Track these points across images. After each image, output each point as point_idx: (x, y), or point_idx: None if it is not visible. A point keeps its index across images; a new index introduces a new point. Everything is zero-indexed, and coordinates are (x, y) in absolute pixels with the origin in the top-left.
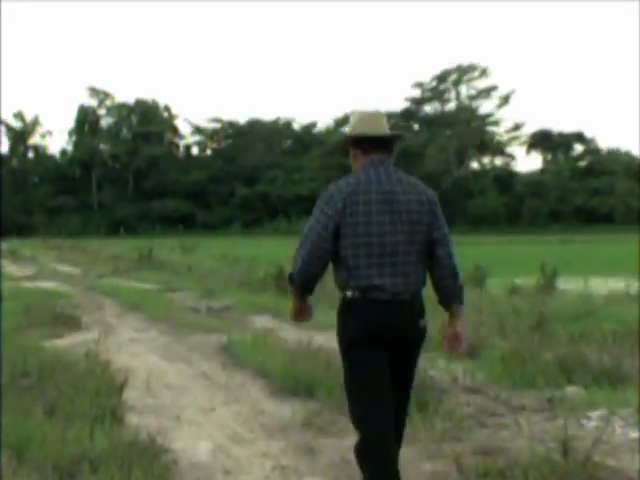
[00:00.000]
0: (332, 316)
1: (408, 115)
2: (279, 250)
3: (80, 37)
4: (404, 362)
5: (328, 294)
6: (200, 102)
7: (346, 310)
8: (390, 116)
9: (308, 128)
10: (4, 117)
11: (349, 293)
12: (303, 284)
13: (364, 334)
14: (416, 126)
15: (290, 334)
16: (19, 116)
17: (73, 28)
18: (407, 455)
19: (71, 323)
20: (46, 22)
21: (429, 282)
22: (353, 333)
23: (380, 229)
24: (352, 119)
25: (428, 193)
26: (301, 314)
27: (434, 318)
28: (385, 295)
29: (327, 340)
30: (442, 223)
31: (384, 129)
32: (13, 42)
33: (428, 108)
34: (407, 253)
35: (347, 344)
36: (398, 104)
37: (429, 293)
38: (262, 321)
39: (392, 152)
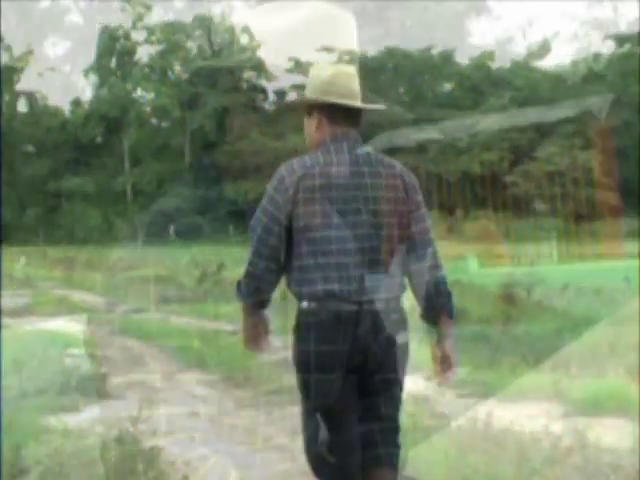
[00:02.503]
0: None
1: None
2: None
3: None
4: (378, 384)
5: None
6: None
7: (302, 326)
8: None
9: (482, 61)
10: None
11: (305, 304)
12: (251, 293)
13: (325, 357)
14: None
15: (454, 406)
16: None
17: None
18: None
19: (91, 388)
20: None
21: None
22: (311, 357)
23: (341, 221)
24: (318, 72)
25: (405, 177)
26: (254, 335)
27: None
28: (349, 306)
29: (516, 417)
30: (422, 214)
31: (358, 93)
32: None
33: None
34: (375, 251)
35: (304, 370)
36: (628, 20)
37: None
38: (406, 384)
39: (359, 125)
